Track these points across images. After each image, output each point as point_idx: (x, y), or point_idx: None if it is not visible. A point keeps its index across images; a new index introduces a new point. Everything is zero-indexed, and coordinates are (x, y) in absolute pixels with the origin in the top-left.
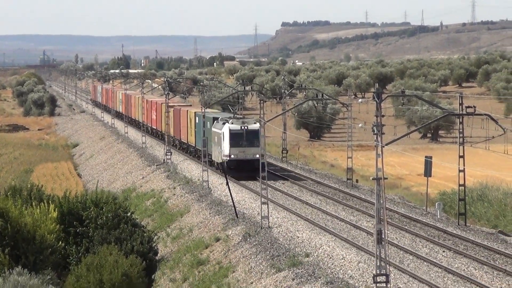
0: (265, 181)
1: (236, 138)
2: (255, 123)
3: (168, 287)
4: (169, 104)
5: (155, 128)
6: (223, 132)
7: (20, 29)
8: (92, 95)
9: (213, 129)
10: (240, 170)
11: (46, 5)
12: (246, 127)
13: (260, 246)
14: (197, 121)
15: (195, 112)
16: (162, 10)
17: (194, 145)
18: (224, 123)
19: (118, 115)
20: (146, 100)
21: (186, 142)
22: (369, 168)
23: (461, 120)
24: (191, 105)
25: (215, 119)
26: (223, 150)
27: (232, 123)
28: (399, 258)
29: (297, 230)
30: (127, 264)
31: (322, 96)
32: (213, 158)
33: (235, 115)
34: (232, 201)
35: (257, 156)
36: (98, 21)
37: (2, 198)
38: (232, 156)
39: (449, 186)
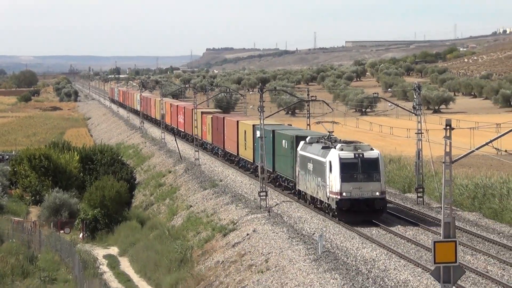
0: (197, 136)
1: (349, 170)
2: (371, 149)
3: (142, 199)
4: (204, 110)
5: (182, 130)
6: (329, 161)
7: (57, 51)
8: (109, 94)
9: (301, 152)
10: (355, 212)
11: (74, 35)
12: (361, 155)
13: (194, 175)
14: (258, 135)
15: (253, 125)
16: (140, 38)
17: (252, 162)
18: (325, 148)
19: (136, 113)
20: (170, 104)
21: (235, 154)
22: None
23: (308, 104)
24: (229, 113)
25: (299, 138)
26: (331, 185)
27: (341, 149)
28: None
29: (215, 166)
30: (118, 186)
31: (229, 90)
32: (299, 188)
33: (330, 136)
34: (178, 150)
35: (377, 194)
36: (102, 46)
37: (47, 148)
38: (345, 194)
39: None
